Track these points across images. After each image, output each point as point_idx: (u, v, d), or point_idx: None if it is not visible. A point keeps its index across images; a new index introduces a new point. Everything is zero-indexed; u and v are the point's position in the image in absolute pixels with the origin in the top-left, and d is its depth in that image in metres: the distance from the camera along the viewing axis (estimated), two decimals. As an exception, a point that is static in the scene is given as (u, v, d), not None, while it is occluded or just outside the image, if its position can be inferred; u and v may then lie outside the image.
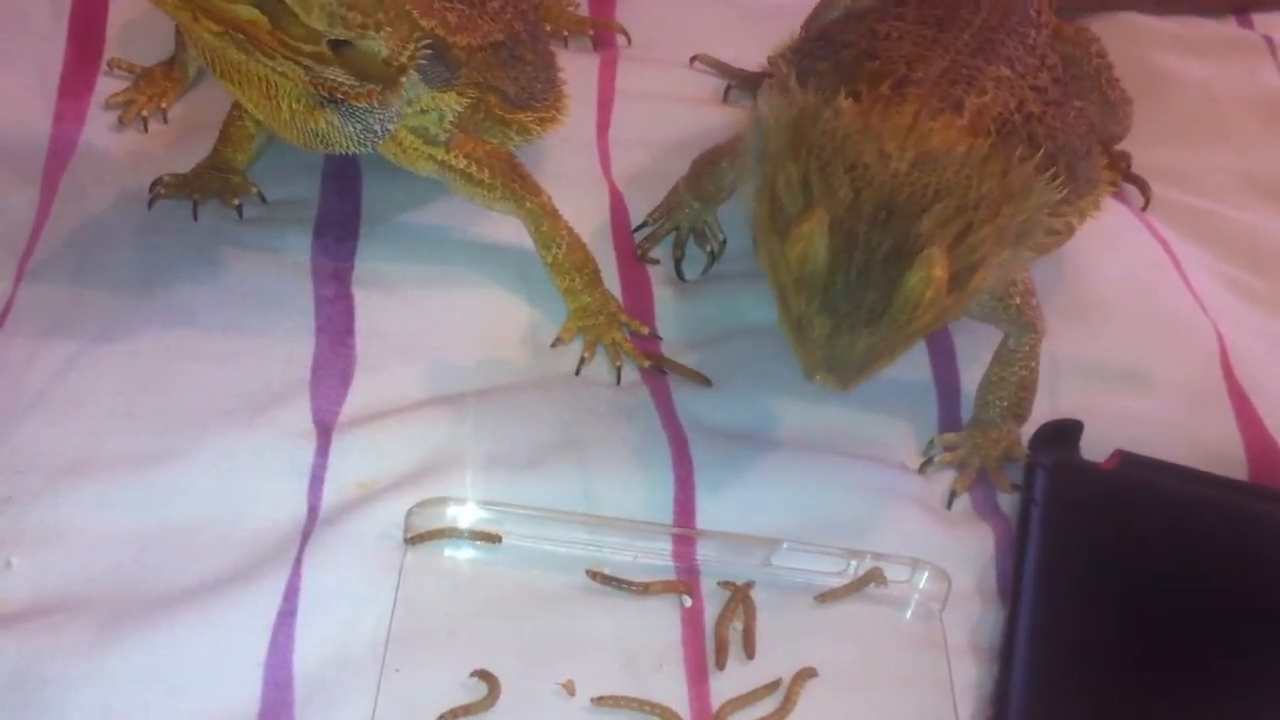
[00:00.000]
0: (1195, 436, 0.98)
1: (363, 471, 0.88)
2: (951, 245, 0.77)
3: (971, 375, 0.99)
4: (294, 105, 0.90)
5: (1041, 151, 0.83)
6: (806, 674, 0.81)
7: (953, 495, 0.92)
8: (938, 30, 0.89)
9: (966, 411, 0.97)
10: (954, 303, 0.79)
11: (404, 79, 0.90)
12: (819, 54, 0.90)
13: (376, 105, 0.90)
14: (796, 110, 0.80)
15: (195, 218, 1.01)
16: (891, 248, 0.76)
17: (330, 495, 0.86)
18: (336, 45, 0.86)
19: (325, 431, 0.90)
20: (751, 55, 1.20)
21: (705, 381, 0.96)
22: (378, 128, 0.92)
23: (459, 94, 0.95)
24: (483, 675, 0.78)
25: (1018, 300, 0.90)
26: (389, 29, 0.87)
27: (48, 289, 0.97)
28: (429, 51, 0.91)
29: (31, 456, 0.86)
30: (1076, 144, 0.92)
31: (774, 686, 0.80)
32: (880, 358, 0.79)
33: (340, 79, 0.87)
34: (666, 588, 0.84)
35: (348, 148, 0.93)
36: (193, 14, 0.83)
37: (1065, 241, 0.96)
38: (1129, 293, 1.07)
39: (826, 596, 0.85)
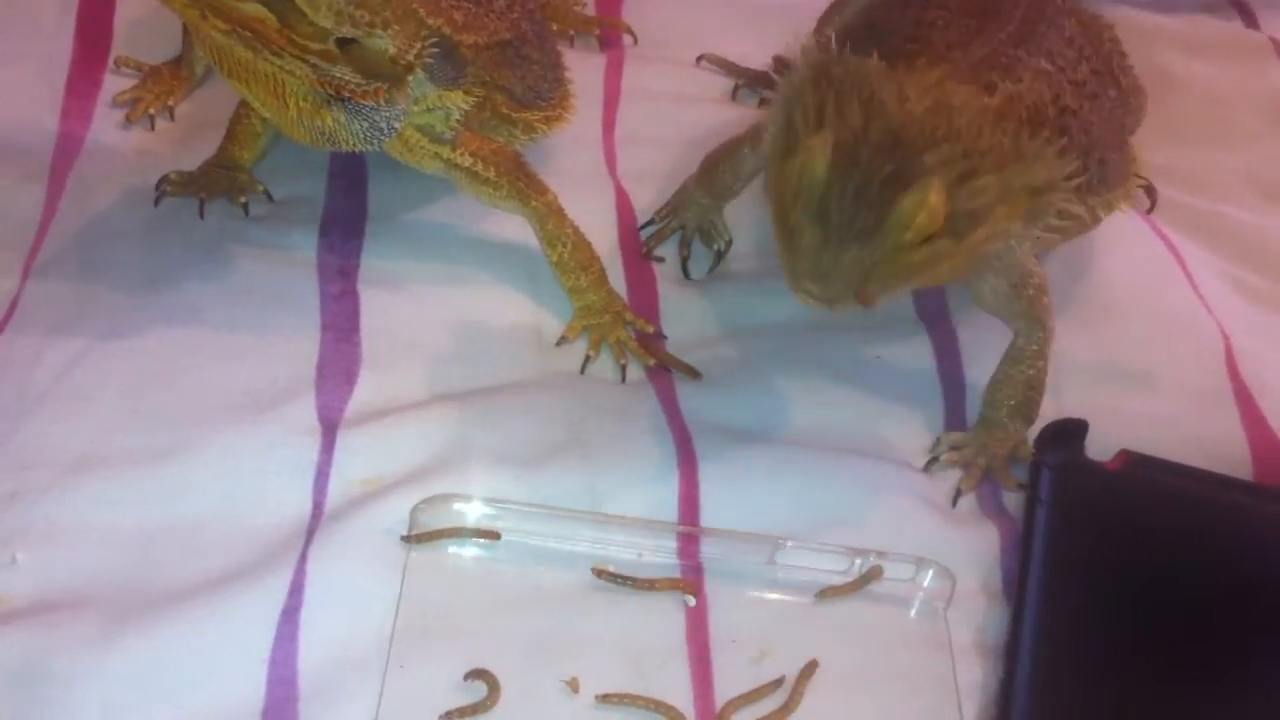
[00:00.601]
0: (1200, 436, 0.97)
1: (368, 468, 0.88)
2: (952, 185, 0.77)
3: (976, 372, 0.99)
4: (301, 103, 0.90)
5: (1074, 143, 0.84)
6: (810, 669, 0.81)
7: (958, 494, 0.92)
8: (981, 20, 0.91)
9: (972, 409, 0.97)
10: (950, 250, 0.79)
11: (411, 78, 0.90)
12: (865, 41, 0.90)
13: (383, 104, 0.90)
14: (827, 54, 0.82)
15: (201, 216, 1.02)
16: (891, 173, 0.77)
17: (335, 492, 0.86)
18: (344, 43, 0.86)
19: (330, 429, 0.90)
20: (759, 54, 1.20)
21: (695, 375, 0.96)
22: (384, 126, 0.92)
23: (465, 92, 0.96)
24: (481, 675, 0.78)
25: (1031, 292, 0.91)
26: (396, 27, 0.87)
27: (54, 286, 0.97)
28: (436, 50, 0.91)
29: (37, 453, 0.86)
30: (1110, 137, 0.93)
31: (778, 684, 0.80)
32: (865, 277, 0.78)
33: (347, 77, 0.88)
34: (672, 585, 0.84)
35: (354, 146, 0.93)
36: (201, 12, 0.83)
37: (1090, 229, 0.97)
38: (1134, 293, 1.07)
39: (827, 593, 0.85)
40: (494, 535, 0.84)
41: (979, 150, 0.78)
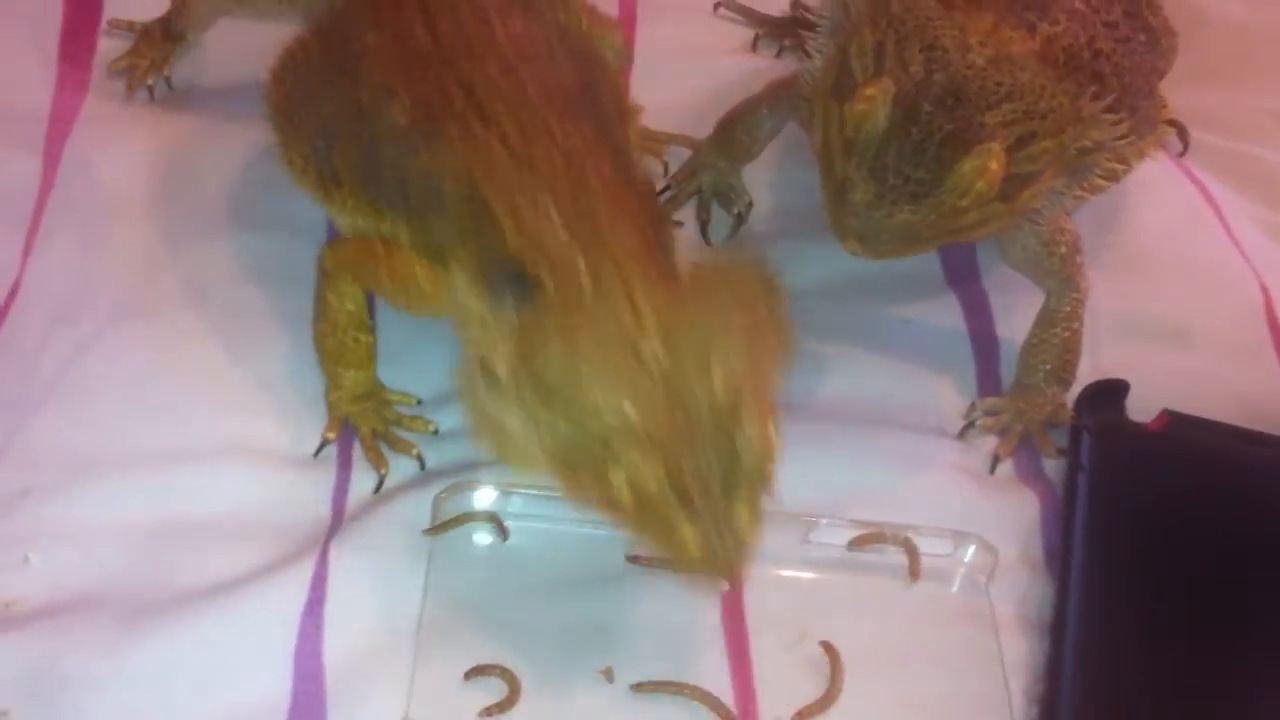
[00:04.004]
0: (1241, 391, 0.95)
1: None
2: (1011, 148, 0.76)
3: (1009, 332, 0.96)
4: None
5: (1106, 89, 0.81)
6: (834, 654, 0.79)
7: (995, 461, 0.89)
8: None
9: (1006, 371, 0.94)
10: (999, 212, 0.78)
11: None
12: None
13: None
14: None
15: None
16: (951, 131, 0.75)
17: (357, 484, 0.84)
18: None
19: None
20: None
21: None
22: None
23: None
24: (488, 671, 0.76)
25: (1064, 250, 0.88)
26: None
27: (56, 265, 0.94)
28: None
29: (47, 448, 0.84)
30: (1141, 82, 0.90)
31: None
32: (913, 240, 0.77)
33: None
34: (707, 565, 0.81)
35: None
36: None
37: (1119, 181, 0.94)
38: (1169, 244, 1.04)
39: (856, 542, 0.83)
40: (504, 530, 0.82)
41: (1039, 112, 0.77)
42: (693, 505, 0.70)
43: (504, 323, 0.74)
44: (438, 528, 0.81)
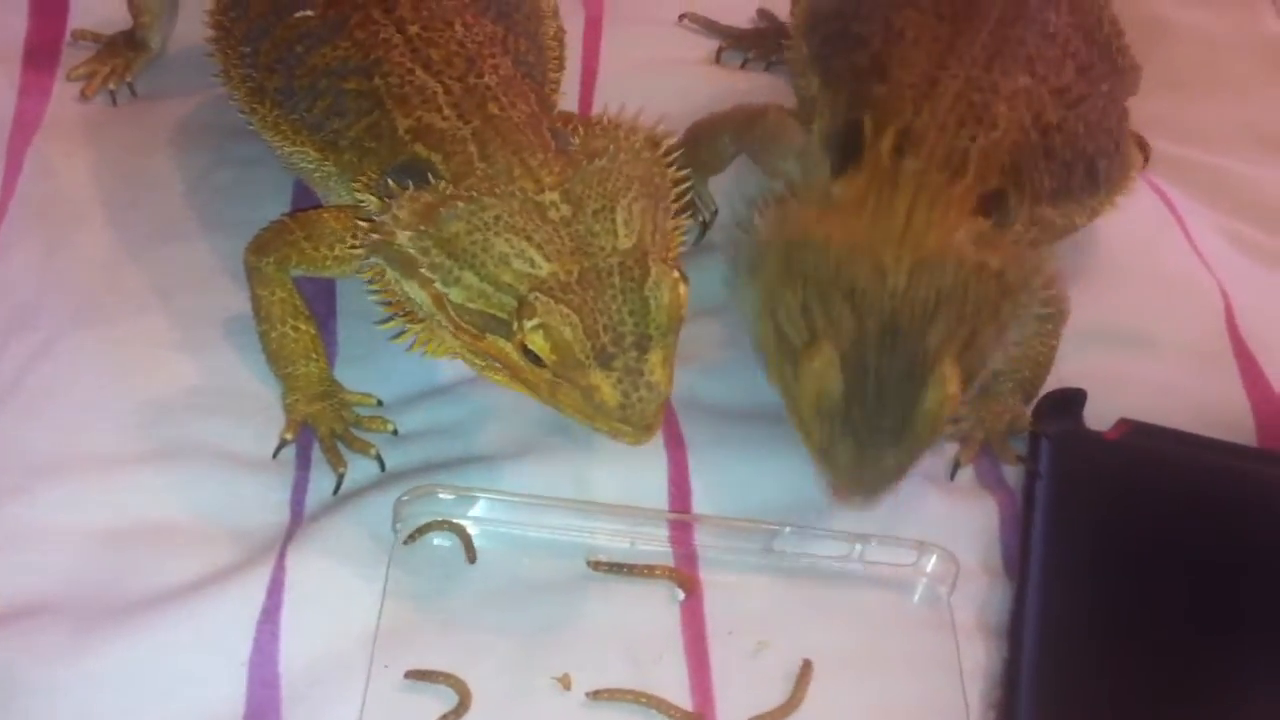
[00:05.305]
0: (1201, 400, 0.95)
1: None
2: (959, 354, 0.77)
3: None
4: None
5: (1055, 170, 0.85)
6: (807, 669, 0.78)
7: (956, 467, 0.90)
8: (954, 28, 0.88)
9: (968, 380, 0.95)
10: (967, 399, 0.82)
11: None
12: (835, 46, 0.90)
13: None
14: (784, 239, 0.80)
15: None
16: (903, 371, 0.76)
17: (315, 489, 0.84)
18: None
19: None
20: (743, 6, 1.17)
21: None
22: None
23: None
24: (428, 677, 0.76)
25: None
26: None
27: (17, 269, 0.94)
28: None
29: (6, 452, 0.84)
30: (1103, 139, 0.92)
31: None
32: (906, 468, 0.79)
33: None
34: (670, 574, 0.81)
35: None
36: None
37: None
38: (1131, 253, 1.04)
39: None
40: (465, 535, 0.82)
41: (972, 308, 0.77)
42: (606, 354, 0.71)
43: (403, 204, 0.75)
44: (413, 535, 0.81)
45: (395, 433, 0.87)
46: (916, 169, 0.81)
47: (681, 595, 0.81)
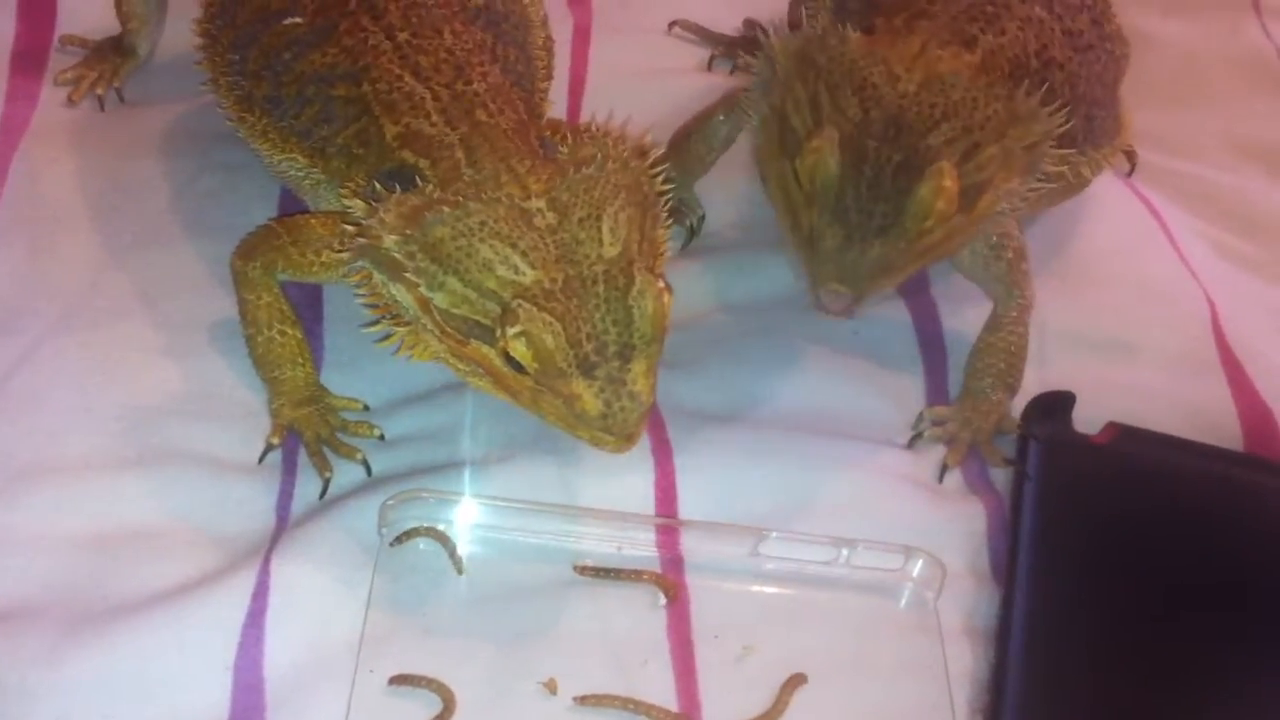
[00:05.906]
0: (1188, 406, 0.95)
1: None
2: (959, 162, 0.79)
3: (957, 344, 0.96)
4: None
5: (1045, 87, 0.83)
6: (796, 681, 0.78)
7: (944, 470, 0.90)
8: None
9: (954, 382, 0.94)
10: (963, 224, 0.81)
11: None
12: None
13: None
14: (803, 39, 0.82)
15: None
16: (901, 162, 0.78)
17: (301, 493, 0.84)
18: None
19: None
20: (731, 17, 1.18)
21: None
22: None
23: None
24: (428, 684, 0.75)
25: (1010, 255, 0.90)
26: None
27: (2, 273, 0.94)
28: None
29: None
30: (1099, 92, 0.92)
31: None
32: (890, 270, 0.80)
33: None
34: (656, 579, 0.81)
35: None
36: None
37: (1077, 192, 0.97)
38: (1117, 259, 1.05)
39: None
40: (448, 541, 0.81)
41: (977, 123, 0.79)
42: (589, 362, 0.71)
43: (390, 207, 0.75)
44: (401, 538, 0.80)
45: (381, 438, 0.87)
46: (930, 26, 0.83)
47: (665, 600, 0.81)
